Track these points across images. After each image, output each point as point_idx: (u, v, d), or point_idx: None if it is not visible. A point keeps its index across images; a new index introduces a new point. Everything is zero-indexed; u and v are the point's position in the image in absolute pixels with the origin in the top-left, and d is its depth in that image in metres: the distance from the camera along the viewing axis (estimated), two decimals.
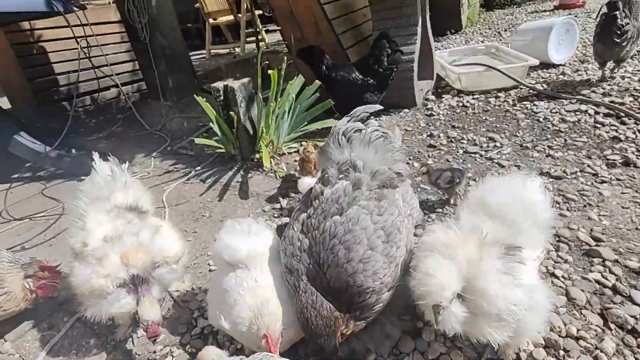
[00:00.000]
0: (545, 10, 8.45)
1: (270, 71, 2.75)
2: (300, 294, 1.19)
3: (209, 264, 1.98)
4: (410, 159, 2.66)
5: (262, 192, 2.60)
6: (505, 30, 6.74)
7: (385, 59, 3.07)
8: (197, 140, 2.86)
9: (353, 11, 3.82)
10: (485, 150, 2.60)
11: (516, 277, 1.04)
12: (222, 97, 2.84)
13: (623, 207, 1.87)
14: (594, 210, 1.88)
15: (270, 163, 2.85)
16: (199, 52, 7.93)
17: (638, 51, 4.22)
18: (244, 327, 1.21)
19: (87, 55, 3.88)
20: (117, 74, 4.83)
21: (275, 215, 2.32)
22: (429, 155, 2.67)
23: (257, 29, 6.22)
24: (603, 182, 2.07)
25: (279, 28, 3.94)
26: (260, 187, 2.65)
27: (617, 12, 3.08)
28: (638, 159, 2.21)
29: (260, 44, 6.95)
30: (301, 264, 1.23)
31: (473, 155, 2.57)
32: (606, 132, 2.58)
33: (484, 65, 3.70)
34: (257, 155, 2.93)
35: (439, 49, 5.54)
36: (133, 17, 3.64)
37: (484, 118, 3.13)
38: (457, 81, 3.81)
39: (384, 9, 3.39)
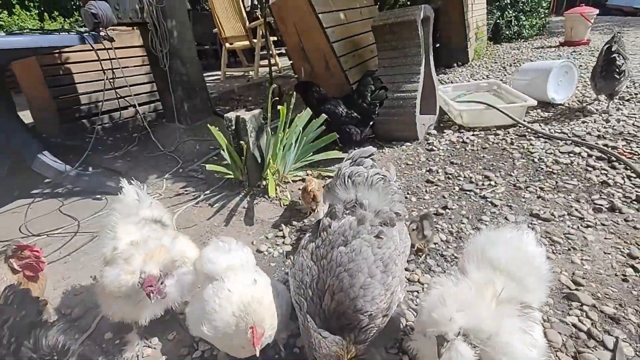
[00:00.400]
0: (550, 46, 8.71)
1: (280, 107, 2.94)
2: (309, 334, 1.32)
3: None
4: (408, 194, 2.80)
5: (266, 219, 2.74)
6: (510, 65, 6.96)
7: (369, 95, 3.38)
8: (208, 167, 3.04)
9: (360, 48, 4.06)
10: (480, 189, 2.73)
11: (534, 337, 1.09)
12: (233, 127, 3.04)
13: (605, 253, 1.97)
14: (577, 254, 1.98)
15: (276, 191, 3.02)
16: (214, 73, 8.30)
17: (636, 94, 4.38)
18: (229, 329, 1.35)
19: (112, 77, 4.17)
20: (135, 95, 5.14)
21: (278, 243, 2.45)
22: (426, 191, 2.80)
23: (271, 55, 6.56)
24: (588, 226, 2.18)
25: (291, 62, 4.18)
26: (265, 214, 2.80)
27: (615, 55, 3.65)
28: (624, 205, 2.33)
29: (273, 68, 7.27)
30: (309, 289, 1.37)
31: (468, 192, 2.70)
32: (596, 175, 2.71)
33: (485, 103, 3.88)
34: (264, 183, 3.09)
35: (444, 83, 5.77)
36: (155, 46, 3.91)
37: (481, 155, 3.27)
38: (459, 117, 3.99)
39: (389, 48, 3.62)
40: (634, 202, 2.37)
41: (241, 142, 3.00)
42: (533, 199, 2.53)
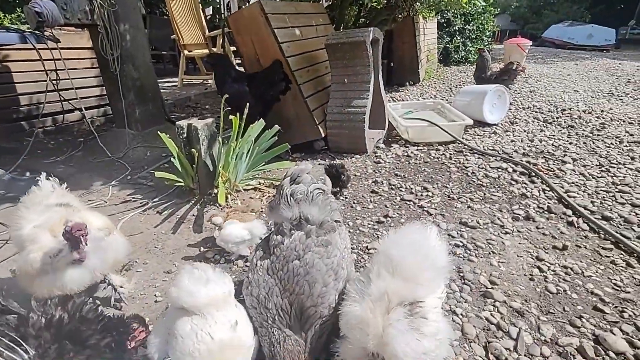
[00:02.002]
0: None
1: (232, 117, 3.00)
2: (268, 330, 1.41)
3: (155, 295, 2.09)
4: (354, 203, 2.96)
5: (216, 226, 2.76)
6: (456, 87, 7.56)
7: (278, 79, 3.63)
8: (157, 174, 3.00)
9: (315, 64, 4.24)
10: (418, 199, 2.96)
11: (421, 331, 1.21)
12: (185, 134, 3.05)
13: (518, 256, 2.24)
14: (495, 257, 2.23)
15: (227, 199, 3.05)
16: (172, 79, 8.14)
17: (558, 117, 4.97)
18: None
19: (56, 78, 3.98)
20: (83, 98, 4.93)
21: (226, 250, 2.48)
22: (370, 200, 2.98)
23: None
24: (507, 233, 2.46)
25: None
26: (215, 222, 2.81)
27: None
28: (536, 214, 2.66)
29: None
30: (269, 302, 1.45)
31: (408, 202, 2.92)
32: (518, 189, 3.05)
33: (428, 121, 4.21)
34: (215, 191, 3.11)
35: (396, 100, 6.14)
36: (105, 49, 3.81)
37: (423, 169, 3.55)
38: (405, 132, 4.28)
39: (341, 66, 3.83)
40: (545, 212, 2.71)
41: (192, 150, 3.01)
42: (463, 209, 2.80)
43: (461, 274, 2.09)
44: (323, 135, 3.98)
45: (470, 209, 2.79)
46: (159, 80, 4.68)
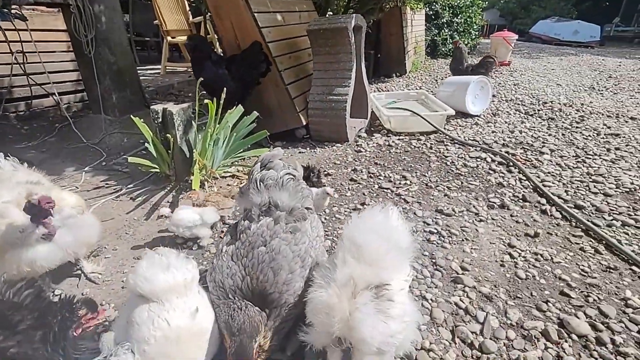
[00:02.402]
0: None
1: (206, 101, 2.93)
2: (229, 305, 1.36)
3: (122, 282, 2.04)
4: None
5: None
6: (442, 79, 7.55)
7: (260, 62, 3.55)
8: (131, 159, 2.92)
9: (297, 50, 4.17)
10: (396, 187, 2.95)
11: (388, 313, 1.20)
12: (160, 119, 2.96)
13: (490, 243, 2.25)
14: (468, 244, 2.24)
15: (203, 186, 3.00)
16: (155, 66, 7.92)
17: (539, 109, 5.01)
18: None
19: (24, 61, 3.82)
20: (58, 83, 4.75)
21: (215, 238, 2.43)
22: (349, 188, 2.97)
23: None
24: (481, 220, 2.48)
25: None
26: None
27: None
28: (511, 202, 2.68)
29: None
30: (230, 289, 1.41)
31: (386, 190, 2.91)
32: (495, 178, 3.07)
33: (410, 110, 4.19)
34: (192, 178, 3.04)
35: (381, 91, 6.11)
36: (79, 30, 3.67)
37: (403, 158, 3.54)
38: (388, 122, 4.26)
39: (323, 53, 3.77)
40: (520, 200, 2.73)
41: (168, 135, 2.93)
42: (440, 197, 2.80)
43: (433, 260, 2.10)
44: (304, 124, 3.93)
45: (447, 197, 2.80)
46: (142, 67, 4.55)
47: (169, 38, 7.02)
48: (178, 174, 3.07)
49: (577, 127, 4.35)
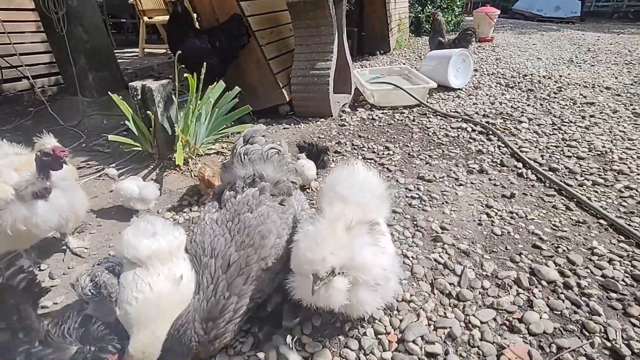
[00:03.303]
0: None
1: (186, 74, 2.89)
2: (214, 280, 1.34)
3: (109, 255, 2.05)
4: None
5: (175, 189, 2.71)
6: (426, 55, 7.56)
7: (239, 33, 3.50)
8: (111, 137, 2.88)
9: (279, 25, 4.11)
10: (380, 157, 3.01)
11: (381, 246, 1.27)
12: (139, 97, 2.92)
13: (469, 205, 2.34)
14: (448, 206, 2.33)
15: (188, 163, 2.99)
16: (133, 49, 7.68)
17: (519, 82, 5.09)
18: (142, 327, 1.28)
19: None
20: (30, 65, 4.58)
21: (184, 210, 2.45)
22: (332, 160, 3.00)
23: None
24: (460, 185, 2.56)
25: None
26: (174, 185, 2.76)
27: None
28: (489, 167, 2.77)
29: None
30: (213, 250, 1.38)
31: (369, 160, 2.96)
32: (475, 146, 3.15)
33: (393, 84, 4.21)
34: (175, 155, 3.03)
35: (366, 67, 6.09)
36: (48, 7, 3.52)
37: (386, 130, 3.58)
38: (371, 97, 4.28)
39: (304, 26, 3.73)
40: (498, 165, 2.83)
41: (148, 112, 2.89)
42: (422, 165, 2.87)
43: (415, 222, 2.17)
44: (288, 100, 3.92)
45: (428, 164, 2.87)
46: (120, 51, 4.40)
47: (145, 18, 6.80)
48: (161, 152, 3.05)
49: (554, 97, 4.45)
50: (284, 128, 3.73)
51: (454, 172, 2.72)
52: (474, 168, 2.77)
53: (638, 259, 1.80)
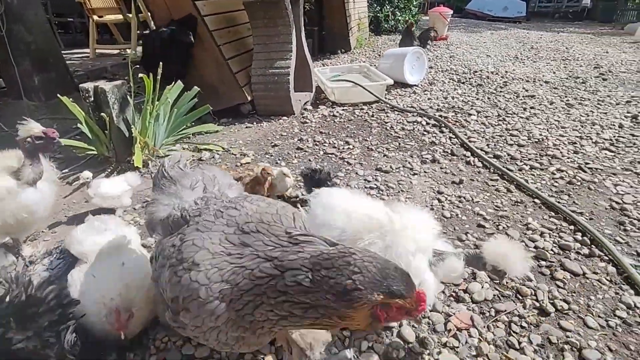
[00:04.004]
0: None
1: (141, 75, 2.84)
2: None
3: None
4: (279, 160, 3.03)
5: (135, 192, 2.66)
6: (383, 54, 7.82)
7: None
8: (64, 142, 2.74)
9: (237, 24, 4.11)
10: (340, 152, 3.12)
11: None
12: (92, 99, 2.83)
13: (422, 191, 2.51)
14: (404, 194, 2.48)
15: (148, 165, 2.94)
16: (83, 50, 7.30)
17: (470, 78, 5.41)
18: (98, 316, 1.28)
19: None
20: None
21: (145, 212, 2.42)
22: (295, 156, 3.08)
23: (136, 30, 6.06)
24: (415, 174, 2.73)
25: None
26: (135, 188, 2.70)
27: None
28: (441, 157, 2.97)
29: None
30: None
31: (330, 155, 3.07)
32: (428, 138, 3.35)
33: (352, 81, 4.36)
34: (133, 157, 2.97)
35: (327, 66, 6.21)
36: None
37: (347, 126, 3.71)
38: (332, 94, 4.40)
39: (262, 26, 3.77)
40: (449, 154, 3.04)
41: (102, 114, 2.82)
42: (380, 157, 3.02)
43: None
44: (249, 99, 3.94)
45: (385, 157, 3.02)
46: (68, 52, 4.20)
47: (95, 17, 6.49)
48: (118, 155, 2.98)
49: (500, 91, 4.81)
50: (247, 127, 3.76)
51: (409, 163, 2.89)
52: (427, 158, 2.96)
53: (564, 231, 2.04)
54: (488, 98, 4.54)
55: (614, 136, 3.39)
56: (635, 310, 1.60)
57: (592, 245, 1.94)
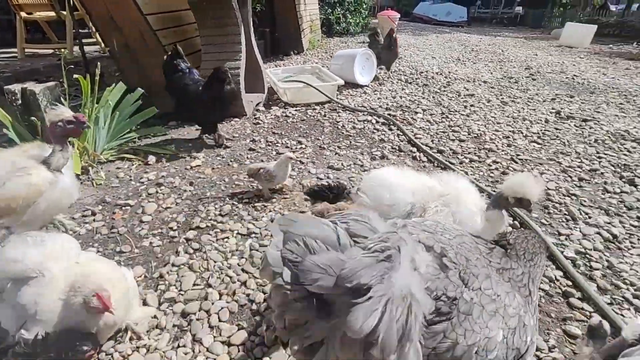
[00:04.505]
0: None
1: (76, 75, 2.67)
2: None
3: None
4: (231, 161, 2.99)
5: (75, 200, 2.49)
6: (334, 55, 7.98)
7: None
8: None
9: (183, 24, 3.99)
10: (293, 151, 3.15)
11: None
12: (20, 102, 2.60)
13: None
14: (354, 190, 2.56)
15: (89, 172, 2.77)
16: (10, 50, 6.65)
17: (417, 78, 5.69)
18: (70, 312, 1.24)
19: None
20: None
21: (86, 221, 2.28)
22: (247, 157, 3.06)
23: (90, 31, 5.67)
24: (365, 170, 2.83)
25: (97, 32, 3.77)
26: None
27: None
28: (390, 153, 3.11)
29: (95, 47, 6.34)
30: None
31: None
32: (378, 136, 3.49)
33: (303, 82, 4.41)
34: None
35: (279, 67, 6.21)
36: None
37: (299, 126, 3.75)
38: (284, 95, 4.41)
39: (209, 26, 3.69)
40: (397, 151, 3.19)
41: (33, 118, 2.60)
42: (332, 156, 3.09)
43: None
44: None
45: (337, 155, 3.10)
46: None
47: (23, 14, 5.96)
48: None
49: (444, 91, 5.12)
50: (197, 129, 3.65)
51: (359, 160, 2.99)
52: (376, 155, 3.08)
53: None
54: (433, 97, 4.81)
55: (541, 130, 3.76)
56: (556, 283, 1.80)
57: (522, 228, 2.15)
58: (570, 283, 1.80)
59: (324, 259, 0.69)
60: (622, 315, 1.62)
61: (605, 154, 3.22)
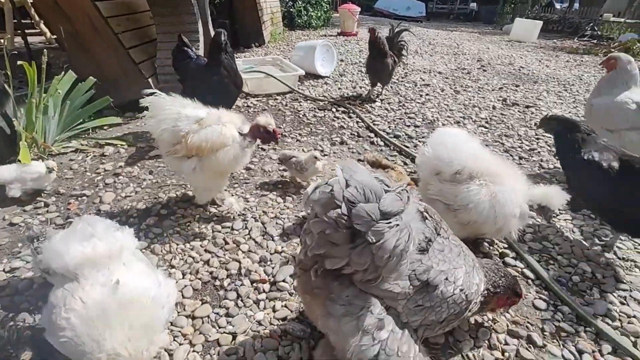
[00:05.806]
0: (331, 35, 10.46)
1: (20, 62, 2.55)
2: None
3: None
4: None
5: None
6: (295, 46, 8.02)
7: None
8: None
9: (137, 12, 3.87)
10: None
11: None
12: None
13: (332, 170, 2.72)
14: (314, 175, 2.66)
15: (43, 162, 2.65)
16: None
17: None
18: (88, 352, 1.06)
19: None
20: None
21: (39, 212, 2.21)
22: None
23: (33, 21, 5.32)
24: (325, 155, 2.95)
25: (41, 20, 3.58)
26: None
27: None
28: (349, 139, 3.25)
29: (40, 38, 5.95)
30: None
31: None
32: (338, 124, 3.62)
33: (264, 72, 4.43)
34: (19, 155, 2.64)
35: (240, 59, 6.15)
36: None
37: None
38: (245, 86, 4.41)
39: (165, 14, 3.62)
40: (356, 137, 3.33)
41: None
42: (293, 142, 3.17)
43: (285, 190, 2.44)
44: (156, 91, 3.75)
45: (298, 141, 3.19)
46: None
47: None
48: (1, 155, 2.62)
49: (402, 81, 5.34)
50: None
51: (320, 145, 3.10)
52: (336, 141, 3.20)
53: None
54: (391, 87, 5.01)
55: (489, 116, 4.06)
56: (494, 246, 2.01)
57: None
58: (506, 245, 2.02)
59: (370, 207, 0.93)
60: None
61: (543, 136, 3.55)
